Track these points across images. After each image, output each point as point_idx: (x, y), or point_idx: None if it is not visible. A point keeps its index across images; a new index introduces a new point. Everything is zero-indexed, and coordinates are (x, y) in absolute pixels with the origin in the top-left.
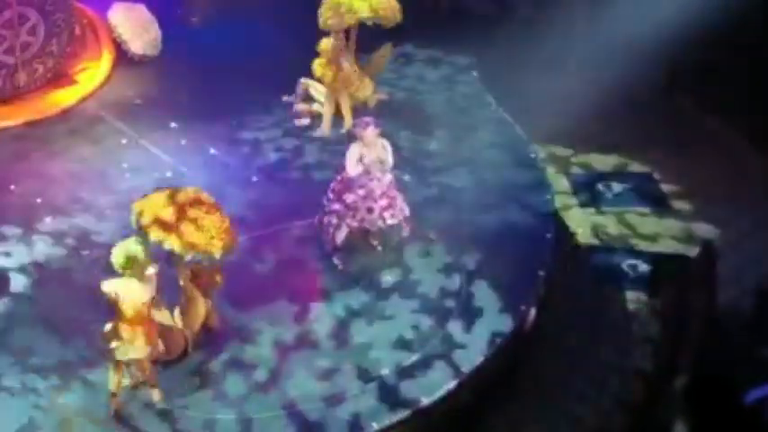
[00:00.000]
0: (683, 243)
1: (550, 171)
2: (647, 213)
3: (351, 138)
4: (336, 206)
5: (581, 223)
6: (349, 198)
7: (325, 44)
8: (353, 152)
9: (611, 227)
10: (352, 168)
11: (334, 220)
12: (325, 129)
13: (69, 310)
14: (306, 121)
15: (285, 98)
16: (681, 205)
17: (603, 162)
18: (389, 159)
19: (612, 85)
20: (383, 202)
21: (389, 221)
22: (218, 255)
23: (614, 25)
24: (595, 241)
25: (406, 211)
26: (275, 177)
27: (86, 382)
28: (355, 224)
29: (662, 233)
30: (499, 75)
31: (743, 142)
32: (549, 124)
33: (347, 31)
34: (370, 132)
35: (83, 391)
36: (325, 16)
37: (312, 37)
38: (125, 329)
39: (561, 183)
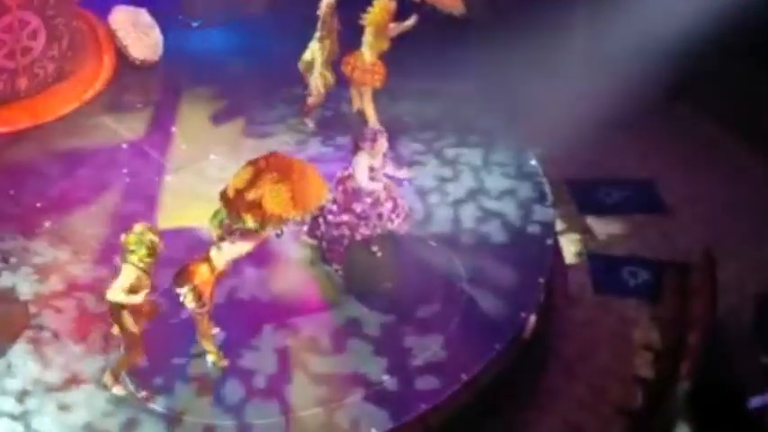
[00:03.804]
0: (684, 250)
1: (550, 178)
2: (647, 220)
3: (356, 148)
4: (346, 217)
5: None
6: (358, 208)
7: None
8: (363, 164)
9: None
10: (364, 181)
11: (347, 232)
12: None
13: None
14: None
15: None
16: (681, 212)
17: (604, 169)
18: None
19: (613, 92)
20: (389, 205)
21: (397, 222)
22: None
23: (615, 33)
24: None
25: (407, 208)
26: None
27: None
28: (368, 232)
29: (662, 240)
30: (498, 82)
31: (743, 149)
32: (549, 132)
33: None
34: (382, 144)
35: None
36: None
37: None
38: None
39: (560, 190)
